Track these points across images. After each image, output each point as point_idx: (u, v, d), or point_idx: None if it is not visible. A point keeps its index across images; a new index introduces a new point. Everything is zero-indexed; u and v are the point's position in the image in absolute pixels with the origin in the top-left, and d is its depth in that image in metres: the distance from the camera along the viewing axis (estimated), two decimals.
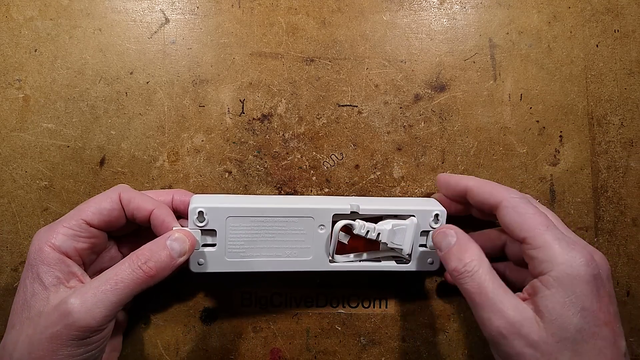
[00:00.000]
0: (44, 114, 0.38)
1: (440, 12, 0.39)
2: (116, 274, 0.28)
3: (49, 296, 0.28)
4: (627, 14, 0.39)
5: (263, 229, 0.33)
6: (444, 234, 0.32)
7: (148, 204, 0.32)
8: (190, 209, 0.32)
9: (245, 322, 0.39)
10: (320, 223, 0.34)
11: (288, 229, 0.34)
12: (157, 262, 0.29)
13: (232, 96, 0.39)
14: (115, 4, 0.39)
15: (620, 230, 0.39)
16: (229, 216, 0.33)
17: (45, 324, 0.27)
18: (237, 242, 0.33)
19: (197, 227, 0.32)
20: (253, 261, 0.34)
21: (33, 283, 0.29)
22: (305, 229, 0.34)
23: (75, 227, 0.30)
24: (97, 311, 0.27)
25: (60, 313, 0.27)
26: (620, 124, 0.39)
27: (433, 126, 0.39)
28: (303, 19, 0.39)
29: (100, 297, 0.27)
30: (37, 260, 0.29)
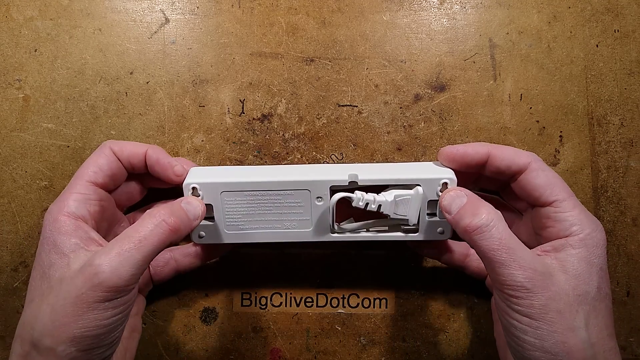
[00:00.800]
0: (44, 114, 0.38)
1: (440, 12, 0.39)
2: (138, 231, 0.27)
3: (69, 262, 0.27)
4: (627, 14, 0.39)
5: (259, 202, 0.33)
6: (453, 196, 0.30)
7: (139, 148, 0.33)
8: (184, 185, 0.32)
9: (245, 322, 0.39)
10: (317, 195, 0.33)
11: (285, 202, 0.33)
12: (179, 217, 0.29)
13: (232, 96, 0.39)
14: (115, 4, 0.39)
15: (620, 230, 0.39)
16: (222, 191, 0.32)
17: (68, 288, 0.25)
18: (235, 215, 0.33)
19: None
20: (252, 233, 0.33)
21: (49, 254, 0.27)
22: (303, 201, 0.33)
23: (83, 190, 0.30)
24: (124, 270, 0.26)
25: (85, 275, 0.25)
26: (620, 124, 0.39)
27: (433, 126, 0.39)
28: (303, 19, 0.39)
29: (125, 255, 0.26)
30: (53, 232, 0.28)
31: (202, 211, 0.31)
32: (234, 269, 0.39)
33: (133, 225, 0.28)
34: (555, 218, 0.29)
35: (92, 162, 0.31)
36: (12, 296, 0.38)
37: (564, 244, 0.29)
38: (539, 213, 0.31)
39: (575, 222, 0.29)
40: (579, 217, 0.29)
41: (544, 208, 0.30)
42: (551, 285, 0.27)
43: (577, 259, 0.28)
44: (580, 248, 0.28)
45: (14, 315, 0.38)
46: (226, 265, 0.39)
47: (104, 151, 0.32)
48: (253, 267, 0.39)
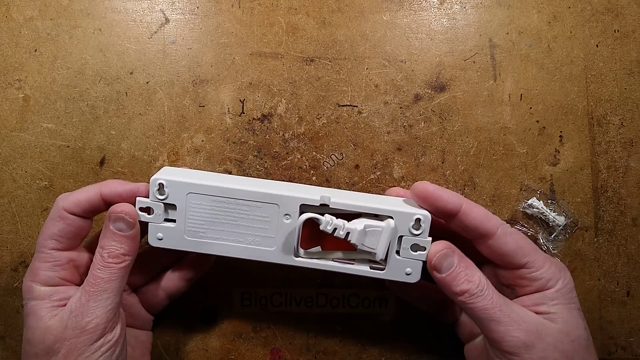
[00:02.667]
0: (44, 114, 0.38)
1: (440, 12, 0.39)
2: (94, 276, 0.29)
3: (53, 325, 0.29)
4: (627, 14, 0.39)
5: (225, 211, 0.31)
6: (443, 255, 0.30)
7: (92, 193, 0.31)
8: (152, 180, 0.31)
9: (245, 322, 0.39)
10: (285, 212, 0.31)
11: (251, 214, 0.31)
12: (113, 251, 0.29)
13: (232, 96, 0.39)
14: (115, 4, 0.39)
15: (620, 230, 0.39)
16: (189, 192, 0.31)
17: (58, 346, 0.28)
18: (197, 220, 0.31)
19: (157, 199, 0.31)
20: (212, 243, 0.32)
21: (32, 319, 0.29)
22: (270, 216, 0.31)
23: (49, 259, 0.30)
24: (99, 311, 0.28)
25: (65, 328, 0.28)
26: (620, 124, 0.39)
27: (433, 126, 0.39)
28: (303, 19, 0.39)
29: (94, 299, 0.28)
30: (30, 300, 0.30)
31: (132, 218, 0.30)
32: (234, 269, 0.39)
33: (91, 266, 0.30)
34: (531, 277, 0.30)
35: (48, 228, 0.30)
36: (12, 296, 0.38)
37: (542, 298, 0.30)
38: (511, 274, 0.31)
39: (548, 276, 0.30)
40: (550, 271, 0.30)
41: (518, 270, 0.31)
42: (546, 337, 0.28)
43: (560, 309, 0.30)
44: (559, 298, 0.30)
45: (14, 315, 0.38)
46: (226, 265, 0.39)
47: (58, 214, 0.30)
48: (253, 267, 0.39)
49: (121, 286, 0.30)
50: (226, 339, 0.39)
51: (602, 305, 0.39)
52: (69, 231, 0.31)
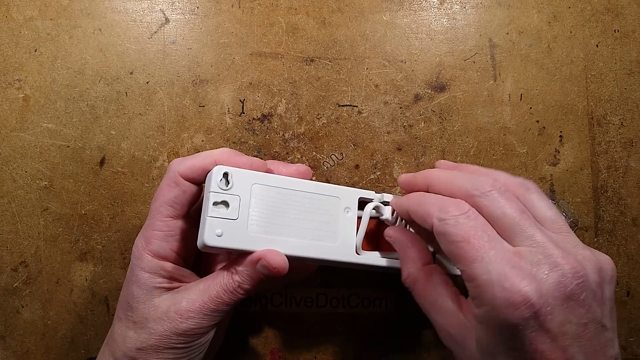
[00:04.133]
0: (44, 114, 0.38)
1: (440, 12, 0.39)
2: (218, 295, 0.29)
3: (154, 303, 0.29)
4: (627, 14, 0.39)
5: (289, 203, 0.30)
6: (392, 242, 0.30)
7: (208, 159, 0.30)
8: (215, 170, 0.29)
9: (245, 322, 0.39)
10: (346, 205, 0.31)
11: (314, 207, 0.31)
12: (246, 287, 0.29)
13: (232, 96, 0.39)
14: (115, 4, 0.39)
15: (620, 230, 0.39)
16: (255, 183, 0.29)
17: (153, 327, 0.29)
18: (261, 214, 0.29)
19: (219, 189, 0.29)
20: (277, 239, 0.29)
21: (135, 287, 0.30)
22: (331, 209, 0.31)
23: (164, 227, 0.30)
24: (204, 322, 0.29)
25: (169, 321, 0.29)
26: (620, 124, 0.39)
27: (433, 126, 0.39)
28: (303, 19, 0.39)
29: (206, 307, 0.29)
30: (137, 267, 0.30)
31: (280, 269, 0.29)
32: None
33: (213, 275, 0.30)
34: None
35: (164, 194, 0.30)
36: (12, 296, 0.38)
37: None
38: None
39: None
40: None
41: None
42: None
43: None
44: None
45: (14, 315, 0.38)
46: None
47: (174, 180, 0.30)
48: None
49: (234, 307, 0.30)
50: (226, 339, 0.39)
51: None
52: (184, 198, 0.30)
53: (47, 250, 0.38)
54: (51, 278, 0.38)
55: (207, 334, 0.30)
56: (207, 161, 0.29)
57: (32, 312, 0.38)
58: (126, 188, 0.38)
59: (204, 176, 0.30)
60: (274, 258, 0.28)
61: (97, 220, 0.38)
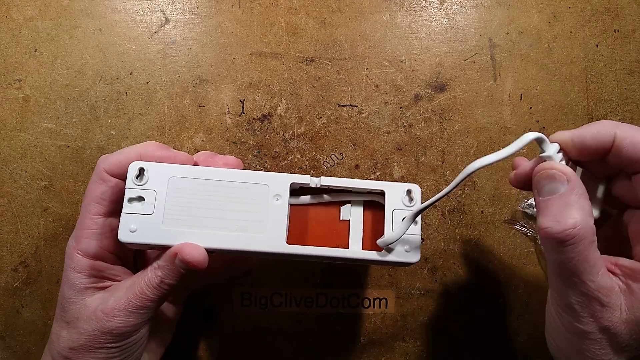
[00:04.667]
0: (44, 114, 0.38)
1: (440, 12, 0.39)
2: (142, 291, 0.29)
3: (85, 302, 0.29)
4: (627, 14, 0.39)
5: (211, 194, 0.29)
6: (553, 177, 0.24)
7: (132, 154, 0.29)
8: (130, 166, 0.28)
9: (245, 322, 0.39)
10: (276, 192, 0.29)
11: (239, 197, 0.29)
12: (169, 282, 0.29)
13: (232, 96, 0.39)
14: (115, 4, 0.39)
15: None
16: (172, 176, 0.28)
17: (83, 327, 0.28)
18: (179, 207, 0.28)
19: (136, 186, 0.28)
20: (194, 233, 0.28)
21: (65, 287, 0.30)
22: (259, 198, 0.29)
23: (92, 225, 0.30)
24: (132, 320, 0.28)
25: (97, 320, 0.28)
26: None
27: (433, 126, 0.39)
28: (303, 19, 0.39)
29: (127, 304, 0.28)
30: (69, 267, 0.30)
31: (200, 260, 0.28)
32: None
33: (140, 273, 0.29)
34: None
35: (91, 191, 0.30)
36: (12, 296, 0.38)
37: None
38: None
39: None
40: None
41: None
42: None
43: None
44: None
45: (14, 315, 0.38)
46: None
47: (100, 176, 0.29)
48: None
49: (162, 303, 0.29)
50: (226, 339, 0.39)
51: None
52: (112, 194, 0.30)
53: (47, 250, 0.38)
54: (51, 278, 0.38)
55: (138, 332, 0.29)
56: (131, 156, 0.29)
57: (32, 312, 0.38)
58: None
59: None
60: (189, 252, 0.27)
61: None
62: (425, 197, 0.39)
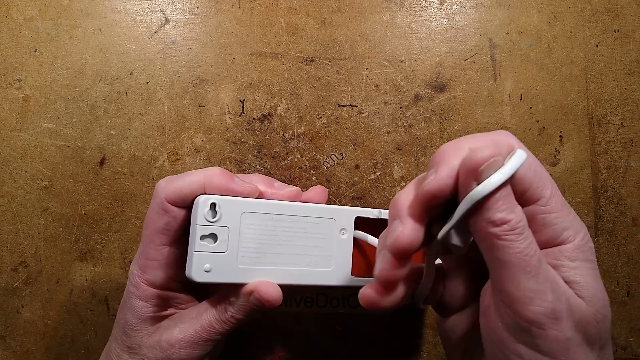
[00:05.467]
0: (44, 114, 0.38)
1: (440, 12, 0.39)
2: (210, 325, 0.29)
3: (147, 329, 0.29)
4: (627, 14, 0.39)
5: (282, 229, 0.28)
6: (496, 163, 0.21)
7: (194, 184, 0.28)
8: (201, 201, 0.27)
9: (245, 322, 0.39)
10: (342, 227, 0.29)
11: (308, 232, 0.29)
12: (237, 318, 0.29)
13: (232, 96, 0.39)
14: (115, 4, 0.39)
15: (620, 230, 0.39)
16: (245, 211, 0.27)
17: (144, 357, 0.29)
18: (252, 243, 0.28)
19: (206, 221, 0.27)
20: (269, 270, 0.28)
21: (129, 314, 0.29)
22: (326, 232, 0.29)
23: (157, 256, 0.29)
24: (196, 352, 0.29)
25: (158, 350, 0.28)
26: (620, 124, 0.39)
27: (433, 126, 0.39)
28: (303, 19, 0.39)
29: (194, 336, 0.28)
30: (133, 295, 0.29)
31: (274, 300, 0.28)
32: None
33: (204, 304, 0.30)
34: (542, 220, 0.22)
35: (154, 222, 0.29)
36: (12, 296, 0.38)
37: (558, 255, 0.22)
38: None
39: (566, 224, 0.22)
40: (568, 219, 0.22)
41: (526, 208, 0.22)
42: (574, 312, 0.21)
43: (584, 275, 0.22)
44: (580, 260, 0.22)
45: (14, 315, 0.38)
46: None
47: (162, 207, 0.28)
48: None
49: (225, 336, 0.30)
50: (226, 338, 0.39)
51: None
52: (175, 224, 0.28)
53: (47, 250, 0.38)
54: (51, 278, 0.38)
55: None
56: (194, 187, 0.28)
57: (32, 312, 0.38)
58: (126, 188, 0.38)
59: (192, 199, 0.28)
60: (267, 291, 0.27)
61: (97, 220, 0.38)
62: None
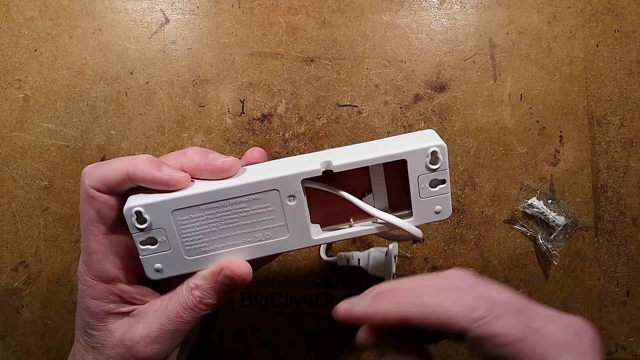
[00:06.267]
0: (44, 114, 0.38)
1: (440, 12, 0.39)
2: (177, 314, 0.27)
3: (109, 328, 0.28)
4: (627, 14, 0.39)
5: (221, 216, 0.27)
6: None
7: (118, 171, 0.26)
8: (125, 211, 0.26)
9: (245, 322, 0.39)
10: (288, 194, 0.27)
11: (251, 210, 0.27)
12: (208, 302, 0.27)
13: (232, 96, 0.39)
14: (115, 4, 0.39)
15: (620, 230, 0.39)
16: (174, 209, 0.27)
17: (109, 356, 0.27)
18: (194, 237, 0.27)
19: (137, 230, 0.26)
20: (220, 254, 0.28)
21: (85, 314, 0.28)
22: (273, 204, 0.27)
23: (97, 247, 0.27)
24: (162, 347, 0.27)
25: (126, 348, 0.27)
26: (620, 124, 0.39)
27: (433, 126, 0.39)
28: (303, 19, 0.39)
29: (160, 330, 0.27)
30: (85, 294, 0.28)
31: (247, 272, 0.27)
32: None
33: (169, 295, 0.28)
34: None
35: (85, 212, 0.27)
36: (12, 296, 0.38)
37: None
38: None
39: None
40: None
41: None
42: None
43: None
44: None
45: (14, 315, 0.38)
46: None
47: (89, 194, 0.27)
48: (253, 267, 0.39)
49: (192, 326, 0.28)
50: (226, 339, 0.39)
51: (602, 305, 0.39)
52: (107, 209, 0.27)
53: (47, 250, 0.38)
54: (51, 278, 0.38)
55: (171, 355, 0.28)
56: (119, 172, 0.26)
57: (32, 312, 0.38)
58: None
59: (120, 187, 0.27)
60: (237, 265, 0.27)
61: None
62: None
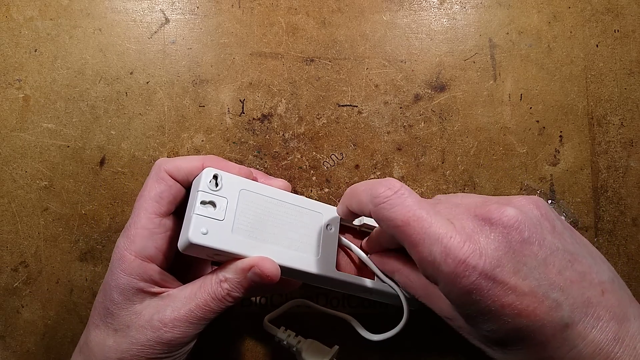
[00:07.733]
0: (44, 114, 0.38)
1: (440, 12, 0.39)
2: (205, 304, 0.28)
3: (137, 309, 0.28)
4: (627, 14, 0.39)
5: (275, 212, 0.31)
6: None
7: (194, 162, 0.30)
8: (205, 171, 0.29)
9: (245, 322, 0.39)
10: (328, 222, 0.33)
11: (297, 219, 0.32)
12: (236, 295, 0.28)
13: (232, 96, 0.39)
14: (115, 4, 0.39)
15: (620, 230, 0.39)
16: (243, 189, 0.30)
17: (136, 336, 0.27)
18: (246, 219, 0.30)
19: (210, 191, 0.29)
20: (259, 245, 0.29)
21: (115, 292, 0.28)
22: (314, 223, 0.32)
23: (149, 224, 0.29)
24: (190, 331, 0.28)
25: (153, 330, 0.27)
26: (620, 124, 0.39)
27: (433, 126, 0.39)
28: (303, 19, 0.39)
29: (188, 315, 0.28)
30: (118, 269, 0.28)
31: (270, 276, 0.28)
32: None
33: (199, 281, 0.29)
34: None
35: (150, 190, 0.29)
36: (12, 296, 0.38)
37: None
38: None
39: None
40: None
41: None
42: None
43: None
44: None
45: (14, 315, 0.38)
46: None
47: (159, 175, 0.29)
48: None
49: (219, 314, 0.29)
50: (226, 339, 0.39)
51: None
52: (170, 194, 0.29)
53: (47, 250, 0.38)
54: (51, 278, 0.38)
55: (191, 342, 0.29)
56: (194, 164, 0.29)
57: (32, 312, 0.38)
58: (126, 188, 0.38)
59: (189, 178, 0.30)
60: (267, 266, 0.28)
61: (97, 220, 0.38)
62: (425, 196, 0.39)
